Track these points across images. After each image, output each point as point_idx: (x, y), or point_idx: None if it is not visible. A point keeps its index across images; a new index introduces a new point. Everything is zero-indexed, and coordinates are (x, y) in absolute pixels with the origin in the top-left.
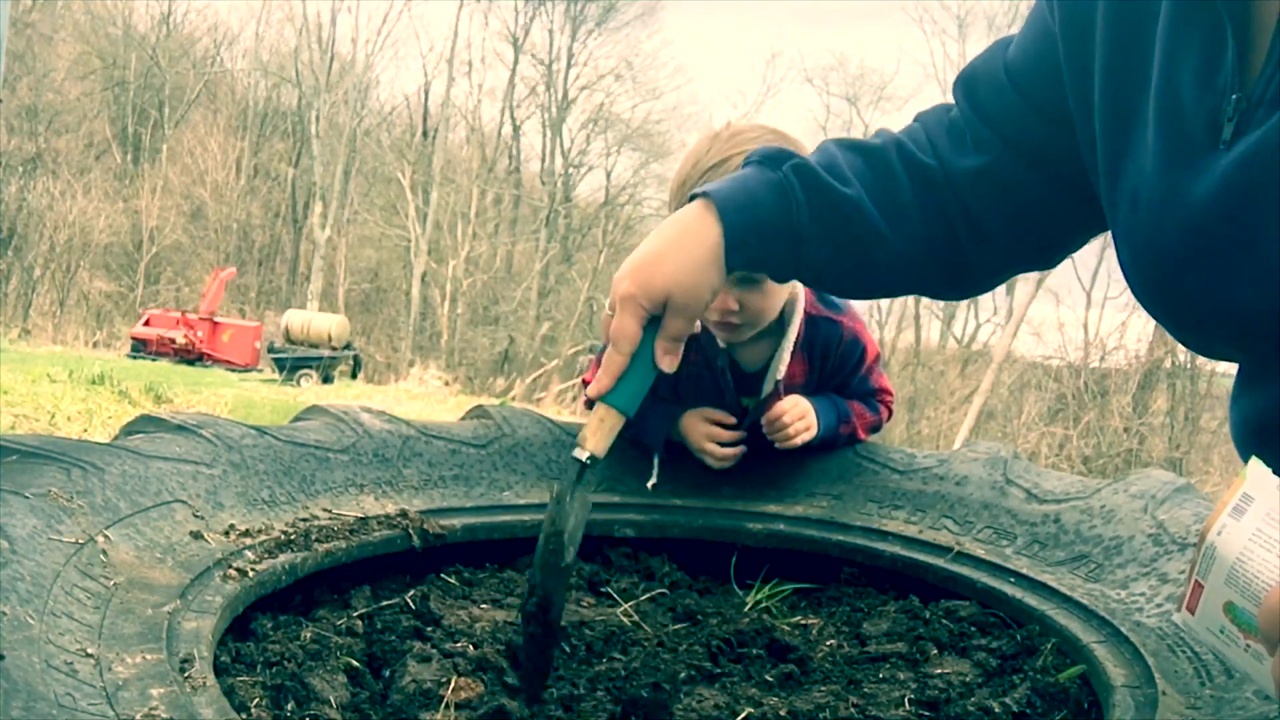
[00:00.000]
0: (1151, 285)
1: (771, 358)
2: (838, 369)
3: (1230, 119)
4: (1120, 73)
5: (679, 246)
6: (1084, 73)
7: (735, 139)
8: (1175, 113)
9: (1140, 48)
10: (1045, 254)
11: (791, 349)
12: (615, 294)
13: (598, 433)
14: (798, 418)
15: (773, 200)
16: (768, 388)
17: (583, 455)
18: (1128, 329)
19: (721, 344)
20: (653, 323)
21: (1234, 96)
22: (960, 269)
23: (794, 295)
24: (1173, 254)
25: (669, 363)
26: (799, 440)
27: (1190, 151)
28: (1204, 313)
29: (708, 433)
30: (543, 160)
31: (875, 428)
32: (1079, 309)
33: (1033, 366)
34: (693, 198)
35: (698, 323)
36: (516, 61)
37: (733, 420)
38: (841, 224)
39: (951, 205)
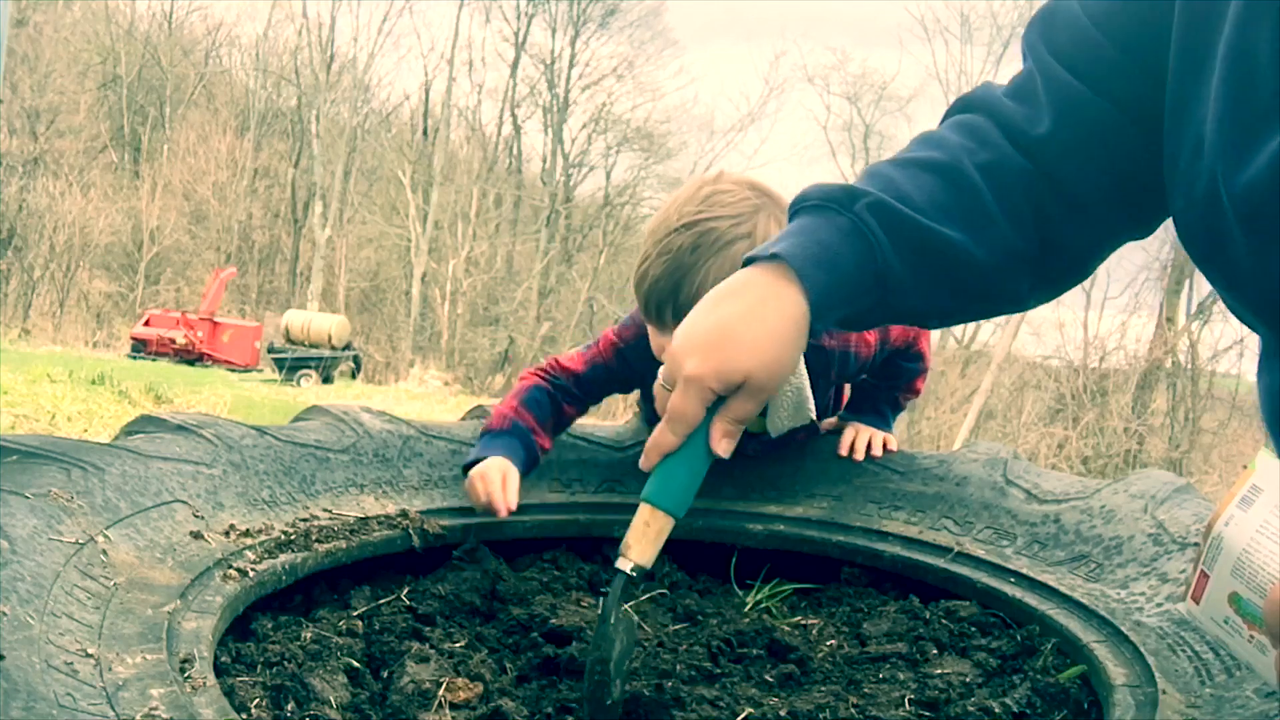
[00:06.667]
0: (1198, 236)
1: None
2: (889, 373)
3: None
4: (1201, 12)
5: (757, 320)
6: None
7: (710, 200)
8: (1248, 70)
9: None
10: (1144, 215)
11: (809, 390)
12: (678, 372)
13: (643, 539)
14: (865, 443)
15: (852, 249)
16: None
17: (626, 566)
18: (1127, 329)
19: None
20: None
21: None
22: (1055, 260)
23: None
24: (1225, 210)
25: (725, 446)
26: (877, 451)
27: (1258, 115)
28: (1246, 276)
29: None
30: (543, 160)
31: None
32: (1079, 309)
33: (1032, 366)
34: (749, 261)
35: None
36: (517, 61)
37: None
38: (930, 257)
39: (1039, 184)
